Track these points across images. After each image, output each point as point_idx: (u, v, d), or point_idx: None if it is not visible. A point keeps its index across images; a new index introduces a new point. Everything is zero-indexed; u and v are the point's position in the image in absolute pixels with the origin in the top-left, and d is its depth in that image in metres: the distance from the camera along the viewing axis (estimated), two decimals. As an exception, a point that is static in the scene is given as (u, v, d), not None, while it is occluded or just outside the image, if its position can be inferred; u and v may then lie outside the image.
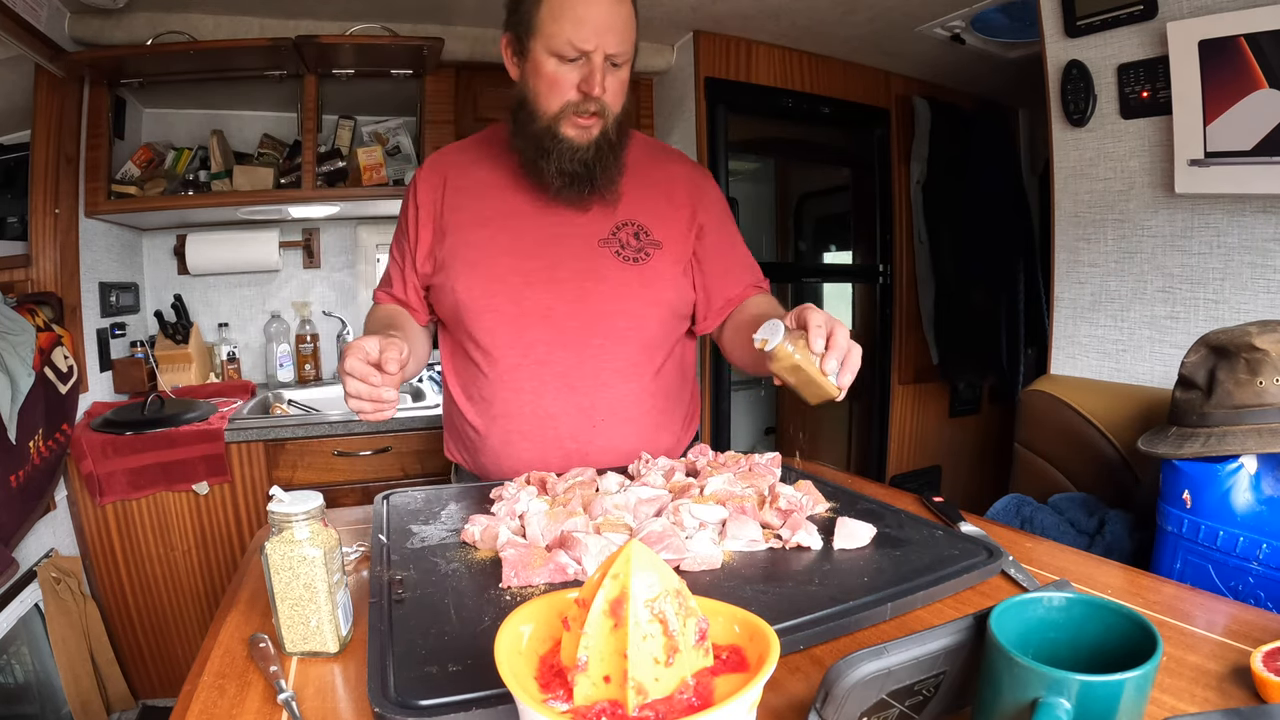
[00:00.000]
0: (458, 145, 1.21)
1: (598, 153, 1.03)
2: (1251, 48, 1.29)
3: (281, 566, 0.56)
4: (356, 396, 0.84)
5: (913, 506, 0.91)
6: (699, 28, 2.35)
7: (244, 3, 1.99)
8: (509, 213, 1.10)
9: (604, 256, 1.09)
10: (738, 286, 1.19)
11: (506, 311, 1.07)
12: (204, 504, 1.90)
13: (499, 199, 1.11)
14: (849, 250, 3.23)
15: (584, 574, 0.66)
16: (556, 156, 1.02)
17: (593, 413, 1.09)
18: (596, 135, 1.02)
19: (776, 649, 0.38)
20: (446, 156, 1.18)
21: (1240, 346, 1.01)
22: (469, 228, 1.10)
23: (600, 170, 1.04)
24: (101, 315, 2.07)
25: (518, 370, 1.08)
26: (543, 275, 1.08)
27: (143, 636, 1.93)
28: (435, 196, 1.13)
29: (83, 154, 1.94)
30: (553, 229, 1.09)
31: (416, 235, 1.14)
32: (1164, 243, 1.53)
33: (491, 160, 1.14)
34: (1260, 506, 0.97)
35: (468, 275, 1.08)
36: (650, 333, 1.12)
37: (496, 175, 1.12)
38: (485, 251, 1.08)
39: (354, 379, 0.83)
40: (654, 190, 1.15)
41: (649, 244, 1.12)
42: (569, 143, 1.01)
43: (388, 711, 0.47)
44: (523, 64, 1.03)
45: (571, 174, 1.03)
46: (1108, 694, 0.38)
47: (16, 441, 1.47)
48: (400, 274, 1.17)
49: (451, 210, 1.12)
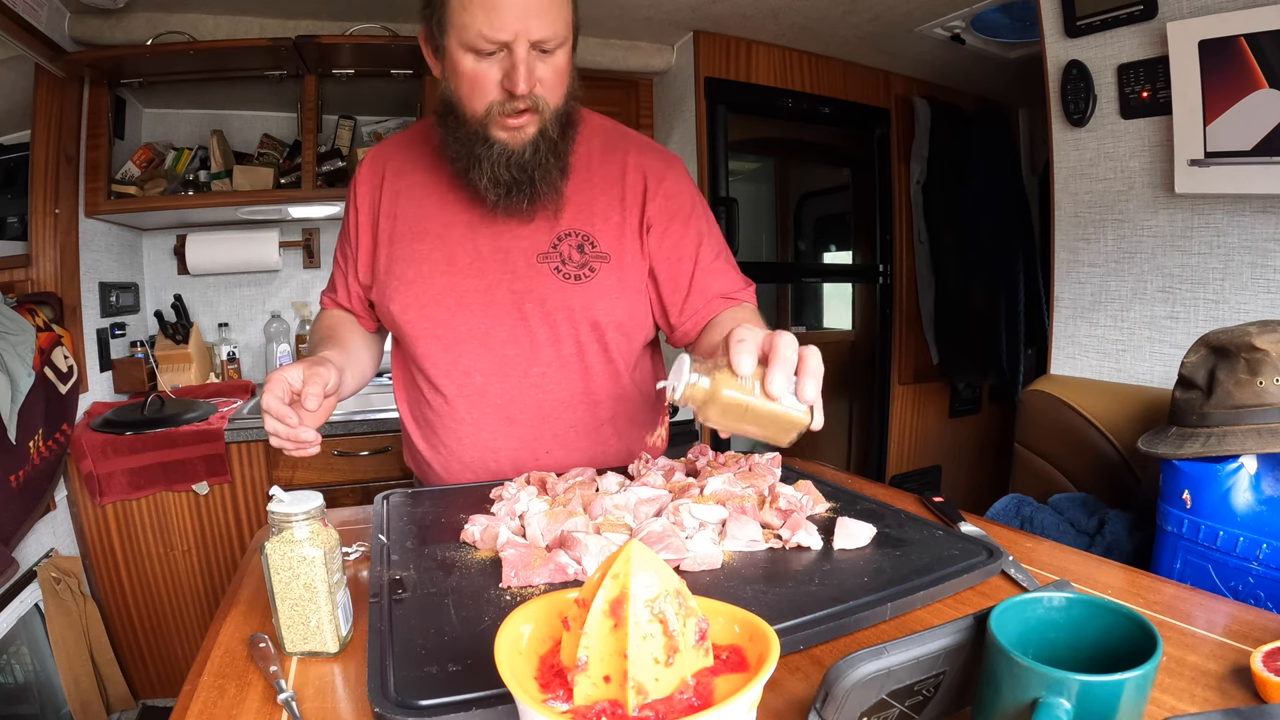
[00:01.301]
0: (399, 138, 1.08)
1: (535, 154, 0.90)
2: (1251, 48, 1.29)
3: (281, 566, 0.56)
4: (274, 435, 0.80)
5: (913, 506, 0.91)
6: (699, 27, 2.35)
7: (244, 3, 1.99)
8: (446, 223, 1.00)
9: (542, 275, 0.98)
10: (701, 298, 1.01)
11: (442, 337, 0.99)
12: (204, 504, 1.90)
13: (436, 207, 1.01)
14: (849, 250, 3.23)
15: (584, 574, 0.66)
16: (489, 164, 0.89)
17: (536, 446, 1.02)
18: (533, 134, 0.89)
19: (776, 649, 0.38)
20: (386, 151, 1.06)
21: (1240, 346, 1.01)
22: (405, 240, 1.01)
23: (540, 174, 0.91)
24: (101, 315, 2.07)
25: (457, 399, 1.01)
26: (479, 297, 0.98)
27: (143, 636, 1.93)
28: (373, 198, 1.04)
29: (83, 154, 1.94)
30: (491, 242, 0.99)
31: (357, 240, 1.05)
32: (1164, 243, 1.53)
33: (430, 159, 1.01)
34: (1260, 506, 0.97)
35: (403, 295, 0.99)
36: (597, 358, 1.02)
37: (434, 177, 1.01)
38: (420, 269, 0.99)
39: (271, 417, 0.78)
40: (605, 190, 1.01)
41: (594, 257, 0.99)
42: (501, 146, 0.89)
43: (388, 711, 0.47)
44: (441, 61, 0.90)
45: (508, 182, 0.91)
46: (1108, 694, 0.38)
47: (16, 441, 1.47)
48: (344, 280, 1.09)
49: (387, 217, 1.02)
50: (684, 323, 1.02)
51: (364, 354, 1.07)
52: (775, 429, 0.63)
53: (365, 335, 1.10)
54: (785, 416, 0.61)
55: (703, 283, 1.01)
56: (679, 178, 1.04)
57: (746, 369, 0.60)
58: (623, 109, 2.61)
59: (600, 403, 1.04)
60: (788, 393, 0.61)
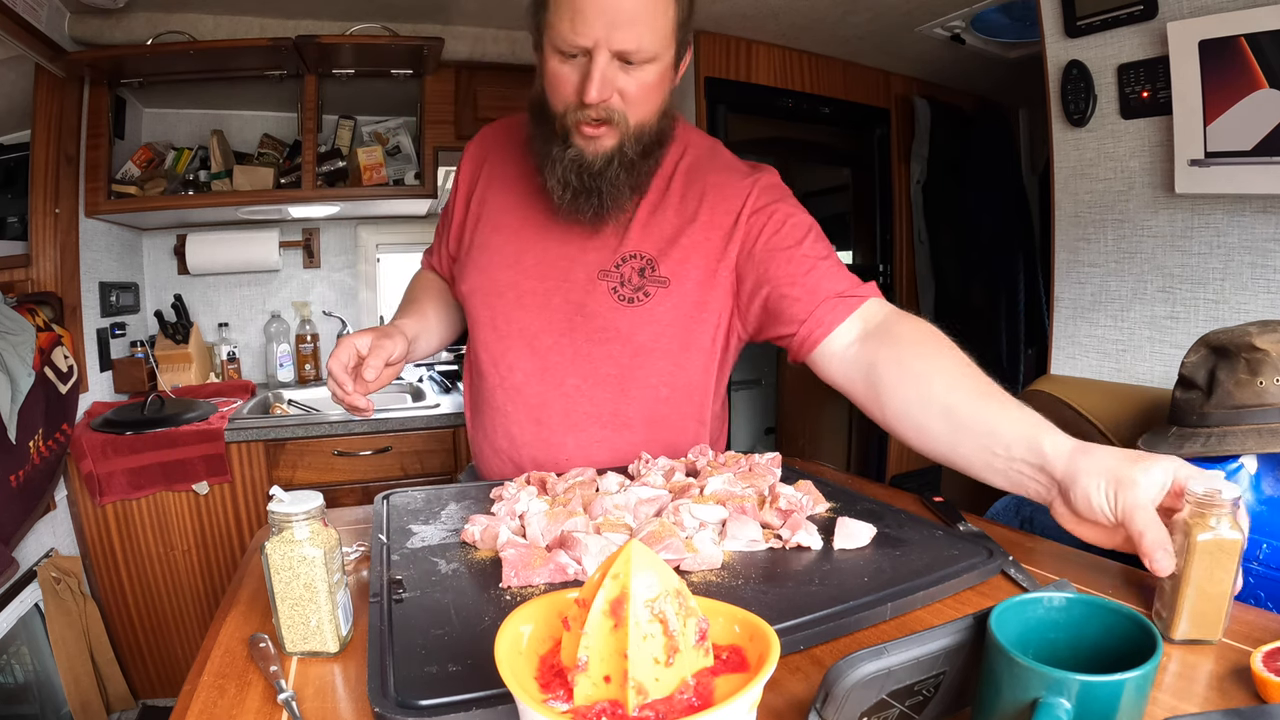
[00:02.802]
0: (509, 122, 1.10)
1: (606, 167, 0.89)
2: (1252, 48, 1.29)
3: (281, 566, 0.56)
4: (333, 395, 0.91)
5: (913, 506, 0.91)
6: (699, 27, 2.35)
7: (244, 3, 1.99)
8: (524, 220, 1.03)
9: (600, 292, 0.98)
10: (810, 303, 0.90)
11: (498, 328, 1.03)
12: (204, 504, 1.90)
13: (520, 202, 1.04)
14: (849, 250, 3.23)
15: (584, 574, 0.66)
16: (561, 167, 0.90)
17: (558, 452, 1.02)
18: (609, 148, 0.88)
19: (777, 649, 0.38)
20: (495, 132, 1.11)
21: (1240, 346, 1.01)
22: (487, 228, 1.05)
23: (608, 189, 0.90)
24: (101, 315, 2.07)
25: (496, 390, 1.04)
26: (536, 300, 1.00)
27: (143, 636, 1.93)
28: (474, 177, 1.09)
29: (83, 154, 1.94)
30: (559, 249, 1.00)
31: (453, 212, 1.11)
32: (1164, 243, 1.53)
33: (525, 154, 1.01)
34: (1260, 506, 0.97)
35: (473, 278, 1.04)
36: (636, 381, 1.00)
37: (526, 172, 1.02)
38: (492, 259, 1.03)
39: (333, 380, 0.90)
40: (678, 214, 0.98)
41: (652, 281, 0.97)
42: (576, 151, 0.89)
43: (388, 711, 0.47)
44: (539, 59, 0.90)
45: (575, 188, 0.90)
46: (1108, 694, 0.38)
47: (16, 441, 1.47)
48: (440, 244, 1.16)
49: (480, 201, 1.07)
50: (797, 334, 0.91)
51: (440, 322, 1.15)
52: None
53: (449, 303, 1.17)
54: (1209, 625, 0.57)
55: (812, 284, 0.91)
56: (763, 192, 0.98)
57: (1165, 568, 0.57)
58: (623, 109, 2.60)
59: (631, 425, 1.02)
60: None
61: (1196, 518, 0.56)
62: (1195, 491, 0.56)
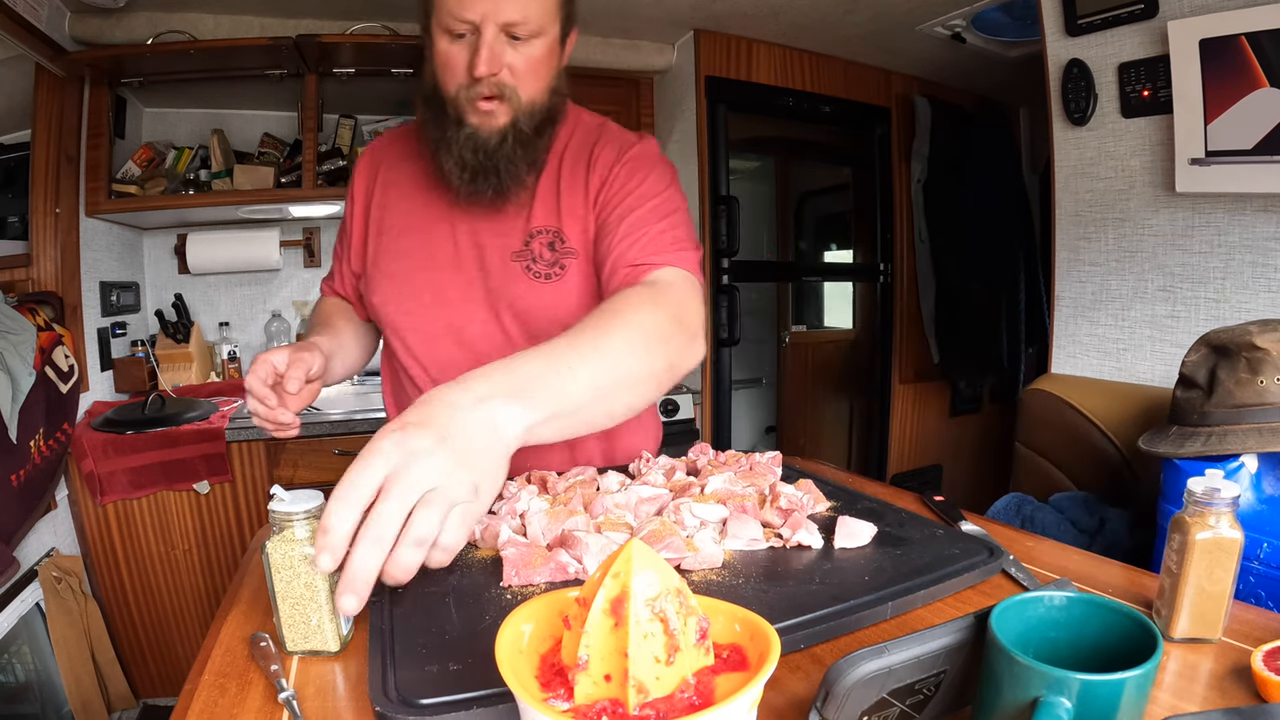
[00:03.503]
0: (397, 131, 1.11)
1: (502, 144, 0.89)
2: (1252, 46, 1.29)
3: (282, 565, 0.56)
4: (255, 414, 0.85)
5: (913, 505, 0.91)
6: (699, 26, 2.35)
7: (244, 2, 1.99)
8: (430, 217, 1.01)
9: (515, 274, 0.98)
10: (609, 269, 0.92)
11: (421, 330, 1.01)
12: (205, 503, 1.90)
13: (422, 201, 1.02)
14: (849, 249, 3.23)
15: (585, 573, 0.66)
16: (456, 147, 0.90)
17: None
18: (503, 124, 0.89)
19: (777, 648, 0.38)
20: (384, 143, 1.09)
21: (1241, 345, 1.01)
22: (392, 233, 1.03)
23: (505, 166, 0.91)
24: (102, 314, 2.07)
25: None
26: (457, 293, 1.00)
27: (143, 636, 1.93)
28: (368, 188, 1.06)
29: (83, 154, 1.94)
30: (469, 238, 1.00)
31: (351, 229, 1.07)
32: (1165, 242, 1.53)
33: (418, 153, 1.02)
34: (1260, 506, 0.97)
35: (385, 288, 1.02)
36: None
37: (423, 170, 1.02)
38: (403, 263, 1.01)
39: (253, 397, 0.84)
40: (572, 184, 0.99)
41: (564, 254, 0.98)
42: (470, 130, 0.89)
43: (389, 710, 0.47)
44: (428, 44, 0.91)
45: (473, 167, 0.90)
46: (1108, 693, 0.38)
47: (17, 441, 1.47)
48: (340, 267, 1.11)
49: (379, 208, 1.04)
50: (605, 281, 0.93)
51: (355, 342, 1.09)
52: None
53: (358, 324, 1.12)
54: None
55: (621, 251, 0.92)
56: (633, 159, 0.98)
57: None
58: (623, 108, 2.61)
59: None
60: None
61: (1196, 517, 0.56)
62: (1195, 491, 0.56)
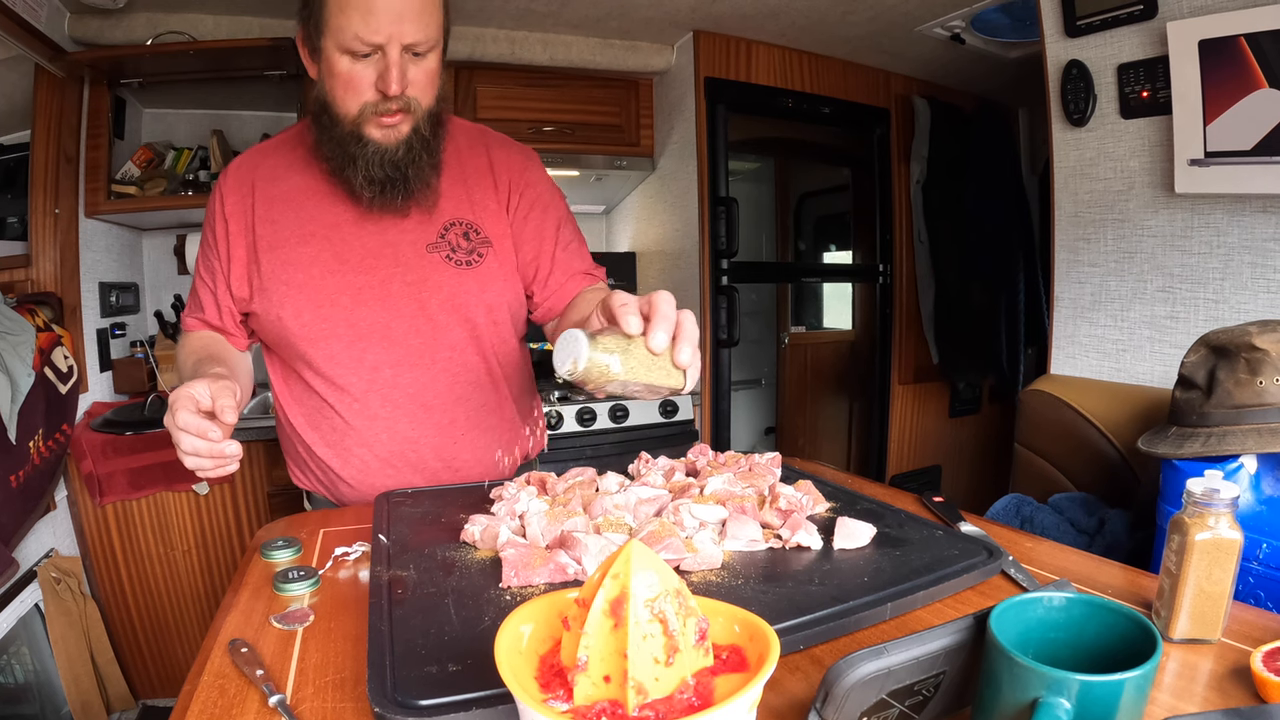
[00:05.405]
0: (263, 147, 1.08)
1: (408, 152, 0.94)
2: (1251, 47, 1.29)
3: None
4: (194, 454, 0.73)
5: (913, 506, 0.91)
6: (698, 27, 2.35)
7: (244, 3, 1.99)
8: (330, 224, 1.00)
9: (435, 263, 1.01)
10: (564, 273, 1.08)
11: (343, 336, 0.99)
12: (204, 504, 1.90)
13: (316, 209, 1.00)
14: (849, 250, 3.23)
15: (584, 574, 0.66)
16: (364, 163, 0.92)
17: (453, 428, 1.04)
18: (406, 134, 0.93)
19: (776, 649, 0.38)
20: (251, 160, 1.05)
21: (1240, 346, 1.02)
22: (288, 245, 0.99)
23: (414, 171, 0.95)
24: (101, 315, 2.07)
25: (368, 395, 1.01)
26: (375, 292, 1.00)
27: (143, 636, 1.93)
28: (244, 208, 1.01)
29: (83, 154, 1.94)
30: (378, 238, 1.00)
31: (228, 254, 1.01)
32: (1164, 242, 1.53)
33: (304, 164, 1.02)
34: (1260, 506, 0.97)
35: (295, 300, 0.98)
36: (496, 337, 1.07)
37: (311, 181, 1.01)
38: (310, 272, 0.98)
39: (189, 435, 0.72)
40: (478, 182, 1.06)
41: (480, 244, 1.04)
42: (375, 145, 0.92)
43: (388, 711, 0.47)
44: (318, 63, 0.92)
45: (382, 180, 0.94)
46: (1108, 694, 0.38)
47: (16, 442, 1.47)
48: (213, 296, 1.04)
49: (264, 223, 1.00)
50: (548, 298, 1.09)
51: (243, 372, 1.05)
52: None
53: (237, 354, 1.07)
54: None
55: (565, 260, 1.09)
56: (538, 168, 1.12)
57: (635, 328, 0.62)
58: (623, 109, 2.61)
59: (508, 378, 1.10)
60: (663, 348, 0.62)
61: (1195, 517, 0.56)
62: (1194, 492, 0.56)
